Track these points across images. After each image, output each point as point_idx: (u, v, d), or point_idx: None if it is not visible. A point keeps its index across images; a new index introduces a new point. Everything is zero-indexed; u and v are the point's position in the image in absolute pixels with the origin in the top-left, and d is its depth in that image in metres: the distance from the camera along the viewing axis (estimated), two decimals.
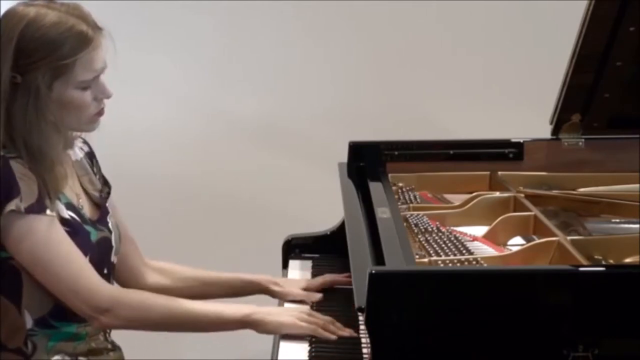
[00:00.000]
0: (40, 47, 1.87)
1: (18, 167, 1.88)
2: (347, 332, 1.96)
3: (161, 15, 3.42)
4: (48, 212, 1.89)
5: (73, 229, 1.95)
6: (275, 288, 2.21)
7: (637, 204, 2.27)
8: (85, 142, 2.14)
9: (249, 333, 2.00)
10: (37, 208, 1.88)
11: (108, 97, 1.96)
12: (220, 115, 3.49)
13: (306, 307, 2.06)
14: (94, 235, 2.00)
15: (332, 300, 2.17)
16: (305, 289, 2.22)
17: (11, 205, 1.85)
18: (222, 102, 3.48)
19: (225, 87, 3.47)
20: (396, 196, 2.38)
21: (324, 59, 3.46)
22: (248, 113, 3.48)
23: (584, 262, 1.84)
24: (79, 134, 2.08)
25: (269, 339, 2.02)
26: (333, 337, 1.94)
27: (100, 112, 1.96)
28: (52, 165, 1.91)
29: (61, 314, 1.96)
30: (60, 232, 1.91)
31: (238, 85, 3.47)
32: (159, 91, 3.46)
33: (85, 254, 1.95)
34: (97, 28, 1.92)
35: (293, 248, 2.54)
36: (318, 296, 2.19)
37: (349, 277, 2.11)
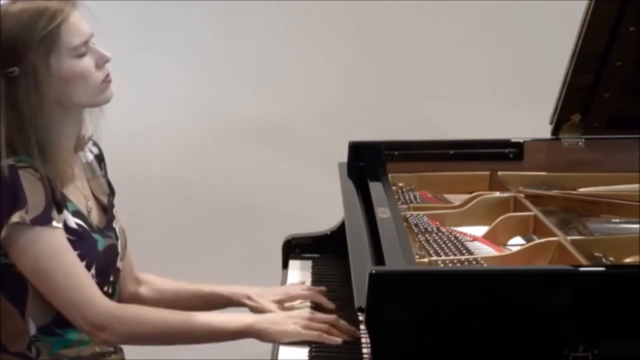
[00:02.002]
0: (18, 35, 1.88)
1: (27, 177, 1.87)
2: (352, 331, 1.93)
3: (160, 15, 3.41)
4: (54, 223, 1.89)
5: (80, 237, 1.94)
6: (249, 302, 2.13)
7: (637, 204, 2.27)
8: (95, 143, 2.13)
9: None
10: (43, 219, 1.87)
11: (107, 60, 1.95)
12: (220, 115, 3.49)
13: (307, 310, 2.03)
14: (101, 244, 2.00)
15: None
16: (280, 301, 2.13)
17: (16, 217, 1.85)
18: (222, 102, 3.48)
19: (226, 87, 3.47)
20: (396, 196, 2.38)
21: (324, 58, 3.46)
22: (248, 113, 3.48)
23: (584, 262, 1.84)
24: (90, 135, 2.06)
25: None
26: (339, 340, 1.92)
27: (106, 79, 1.96)
28: (58, 152, 1.90)
29: (64, 322, 1.95)
30: (64, 245, 1.90)
31: (238, 85, 3.47)
32: (159, 91, 3.45)
33: (92, 263, 1.95)
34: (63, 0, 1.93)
35: (293, 248, 2.53)
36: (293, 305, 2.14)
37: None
